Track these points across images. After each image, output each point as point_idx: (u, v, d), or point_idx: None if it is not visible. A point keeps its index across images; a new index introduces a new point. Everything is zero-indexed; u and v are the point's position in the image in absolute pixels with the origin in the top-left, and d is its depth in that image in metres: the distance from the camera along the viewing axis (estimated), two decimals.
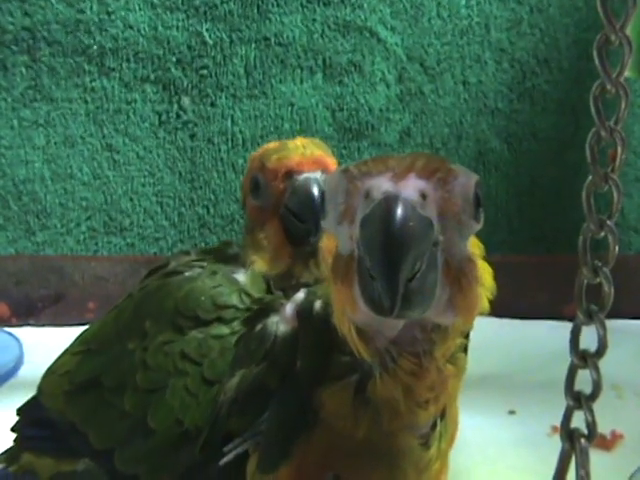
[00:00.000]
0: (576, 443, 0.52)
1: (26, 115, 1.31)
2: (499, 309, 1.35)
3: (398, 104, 1.30)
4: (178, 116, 1.30)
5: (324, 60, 1.29)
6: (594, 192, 0.51)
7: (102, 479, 0.74)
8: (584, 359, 0.51)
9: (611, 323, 0.52)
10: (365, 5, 1.27)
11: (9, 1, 1.26)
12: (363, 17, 1.27)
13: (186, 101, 1.29)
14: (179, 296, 0.71)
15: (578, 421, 0.54)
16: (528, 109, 1.33)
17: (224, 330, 0.67)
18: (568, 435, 0.53)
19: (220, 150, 1.30)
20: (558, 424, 0.99)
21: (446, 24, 1.29)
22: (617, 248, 0.51)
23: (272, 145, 0.74)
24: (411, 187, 0.43)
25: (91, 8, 1.26)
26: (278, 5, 1.26)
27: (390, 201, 0.42)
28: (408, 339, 0.47)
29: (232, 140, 1.29)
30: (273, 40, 1.28)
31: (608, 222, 0.51)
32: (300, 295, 0.60)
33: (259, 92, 1.30)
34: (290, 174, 0.70)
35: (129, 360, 0.71)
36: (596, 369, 0.51)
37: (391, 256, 0.41)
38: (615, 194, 0.51)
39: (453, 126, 1.32)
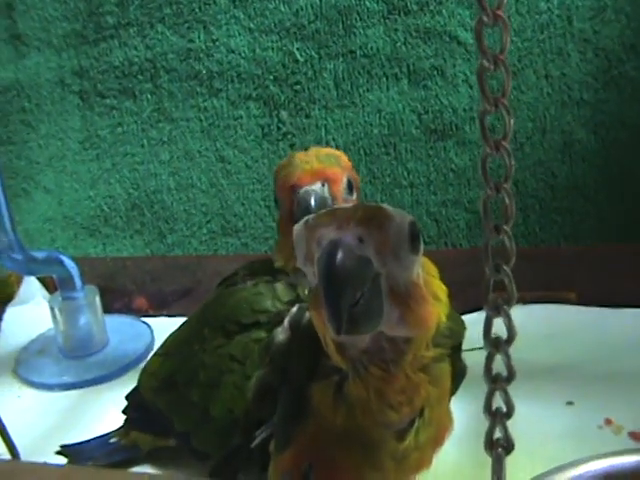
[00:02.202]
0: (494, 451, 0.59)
1: (153, 135, 1.49)
2: (587, 298, 1.39)
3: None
4: (278, 128, 1.42)
5: (408, 67, 1.34)
6: None
7: (186, 454, 0.89)
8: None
9: None
10: (444, 11, 1.31)
11: (133, 37, 1.44)
12: (443, 22, 1.32)
13: (284, 115, 1.41)
14: (228, 305, 0.82)
15: None
16: (615, 97, 1.31)
17: (262, 334, 0.77)
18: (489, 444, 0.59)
19: None
20: (612, 417, 1.03)
21: (525, 20, 1.30)
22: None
23: (284, 162, 0.82)
24: (351, 233, 0.53)
25: (199, 37, 1.40)
26: (361, 19, 1.34)
27: (332, 246, 0.52)
28: (377, 349, 0.58)
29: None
30: (358, 52, 1.35)
31: None
32: (294, 310, 0.73)
33: (348, 102, 1.38)
34: (294, 188, 0.77)
35: (194, 361, 0.84)
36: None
37: (333, 288, 0.52)
38: None
39: (537, 120, 1.33)
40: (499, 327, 0.56)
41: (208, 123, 1.46)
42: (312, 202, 0.74)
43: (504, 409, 0.59)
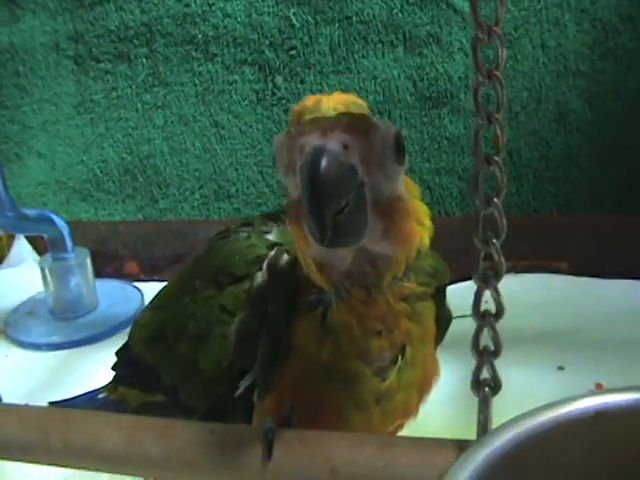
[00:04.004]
0: (481, 391, 0.60)
1: (147, 99, 1.48)
2: (579, 268, 1.39)
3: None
4: (273, 93, 1.41)
5: (404, 34, 1.34)
6: None
7: (173, 409, 0.89)
8: (484, 318, 0.59)
9: None
10: None
11: (129, 1, 1.43)
12: None
13: (279, 80, 1.40)
14: (220, 256, 0.79)
15: None
16: (611, 68, 1.31)
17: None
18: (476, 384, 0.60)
19: None
20: (603, 381, 1.04)
21: None
22: None
23: (309, 102, 0.79)
24: (335, 140, 0.51)
25: (195, 2, 1.40)
26: None
27: (316, 152, 0.51)
28: (358, 272, 0.57)
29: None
30: (355, 18, 1.35)
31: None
32: (272, 252, 0.72)
33: (344, 68, 1.38)
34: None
35: (184, 312, 0.83)
36: (494, 329, 0.58)
37: (317, 196, 0.50)
38: None
39: (532, 90, 1.33)
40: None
41: (203, 88, 1.45)
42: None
43: (492, 347, 0.60)
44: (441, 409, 0.98)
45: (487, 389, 0.60)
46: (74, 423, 0.71)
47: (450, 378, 0.77)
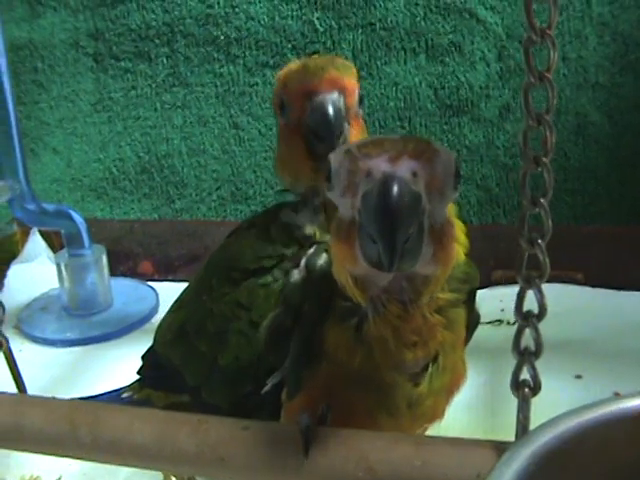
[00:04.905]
0: (520, 392, 0.60)
1: (167, 99, 1.49)
2: (595, 279, 1.40)
3: (498, 81, 1.35)
4: None
5: (426, 41, 1.35)
6: None
7: (198, 409, 0.88)
8: (527, 319, 0.59)
9: None
10: None
11: (152, 1, 1.44)
12: None
13: None
14: (232, 252, 0.80)
15: None
16: (631, 82, 1.32)
17: (268, 279, 0.74)
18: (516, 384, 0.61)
19: None
20: (620, 390, 1.04)
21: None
22: None
23: (294, 66, 0.76)
24: (404, 167, 0.52)
25: (218, 3, 1.41)
26: None
27: (388, 179, 0.51)
28: (396, 288, 0.58)
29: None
30: (378, 25, 1.36)
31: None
32: (311, 250, 0.72)
33: (366, 74, 1.38)
34: (309, 95, 0.71)
35: (202, 310, 0.82)
36: (536, 330, 0.59)
37: (390, 224, 0.51)
38: None
39: None
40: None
41: (223, 89, 1.46)
42: (330, 111, 0.70)
43: (532, 348, 0.61)
44: (460, 415, 0.98)
45: (527, 390, 0.61)
46: (103, 416, 0.70)
47: (468, 383, 0.78)
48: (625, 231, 1.36)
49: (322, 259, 0.69)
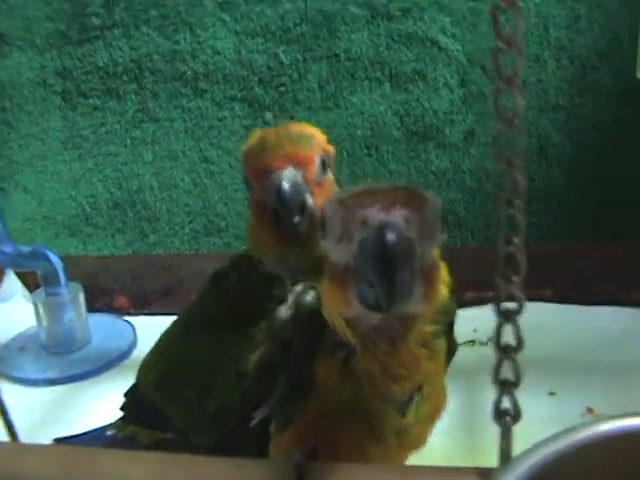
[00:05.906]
0: (502, 420, 0.62)
1: (136, 135, 1.50)
2: (562, 296, 1.43)
3: (461, 107, 1.38)
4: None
5: (390, 70, 1.38)
6: None
7: (183, 446, 0.89)
8: (505, 352, 0.62)
9: None
10: (426, 16, 1.35)
11: (118, 38, 1.45)
12: (424, 28, 1.36)
13: (268, 116, 1.43)
14: (215, 302, 0.81)
15: None
16: (589, 103, 1.36)
17: (253, 330, 0.75)
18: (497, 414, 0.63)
19: None
20: (593, 405, 1.07)
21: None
22: None
23: (253, 141, 0.76)
24: (398, 215, 0.55)
25: (185, 39, 1.42)
26: (345, 24, 1.37)
27: (384, 227, 0.54)
28: (386, 326, 0.60)
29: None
30: (342, 56, 1.38)
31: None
32: (298, 287, 0.74)
33: (332, 104, 1.41)
34: (266, 173, 0.72)
35: (187, 359, 0.83)
36: (514, 362, 0.61)
37: (388, 269, 0.54)
38: None
39: None
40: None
41: (192, 123, 1.47)
42: (285, 188, 0.71)
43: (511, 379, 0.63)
44: (438, 438, 1.00)
45: (508, 418, 0.63)
46: (97, 463, 0.71)
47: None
48: (587, 249, 1.41)
49: (310, 295, 0.71)
